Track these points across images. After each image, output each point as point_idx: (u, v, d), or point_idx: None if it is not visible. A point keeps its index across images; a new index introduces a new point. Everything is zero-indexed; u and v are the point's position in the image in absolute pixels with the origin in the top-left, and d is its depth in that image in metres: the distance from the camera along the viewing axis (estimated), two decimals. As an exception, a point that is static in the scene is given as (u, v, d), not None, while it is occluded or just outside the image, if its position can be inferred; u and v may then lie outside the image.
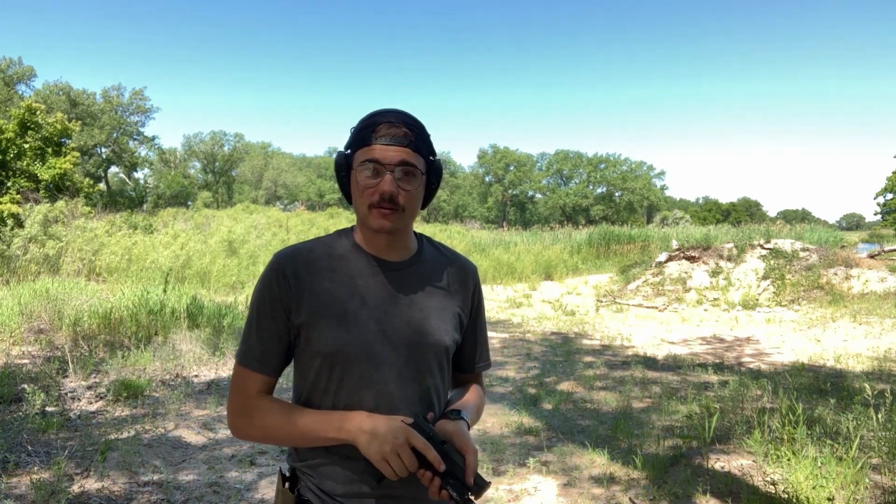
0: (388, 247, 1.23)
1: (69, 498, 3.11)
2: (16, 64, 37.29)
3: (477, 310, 1.36)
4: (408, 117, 1.20)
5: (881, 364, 6.44)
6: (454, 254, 1.36)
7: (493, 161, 66.55)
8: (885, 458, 3.49)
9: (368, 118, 1.19)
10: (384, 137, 1.15)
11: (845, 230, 69.98)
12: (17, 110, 18.30)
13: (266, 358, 1.20)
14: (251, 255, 14.67)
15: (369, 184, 1.15)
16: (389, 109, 1.20)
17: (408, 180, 1.16)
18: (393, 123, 1.16)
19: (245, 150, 60.15)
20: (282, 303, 1.18)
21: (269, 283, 1.19)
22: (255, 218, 22.46)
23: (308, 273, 1.19)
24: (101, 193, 28.63)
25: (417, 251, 1.28)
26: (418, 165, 1.17)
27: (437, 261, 1.30)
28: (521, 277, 15.90)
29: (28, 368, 5.38)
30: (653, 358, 7.08)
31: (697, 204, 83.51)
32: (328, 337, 1.16)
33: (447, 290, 1.28)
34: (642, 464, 3.65)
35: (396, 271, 1.23)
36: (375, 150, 1.15)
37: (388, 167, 1.14)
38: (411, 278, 1.24)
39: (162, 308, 6.93)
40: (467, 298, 1.32)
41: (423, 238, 1.33)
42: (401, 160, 1.15)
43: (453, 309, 1.28)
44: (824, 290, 11.11)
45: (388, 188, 1.14)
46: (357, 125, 1.20)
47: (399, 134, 1.15)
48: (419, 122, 1.21)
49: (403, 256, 1.25)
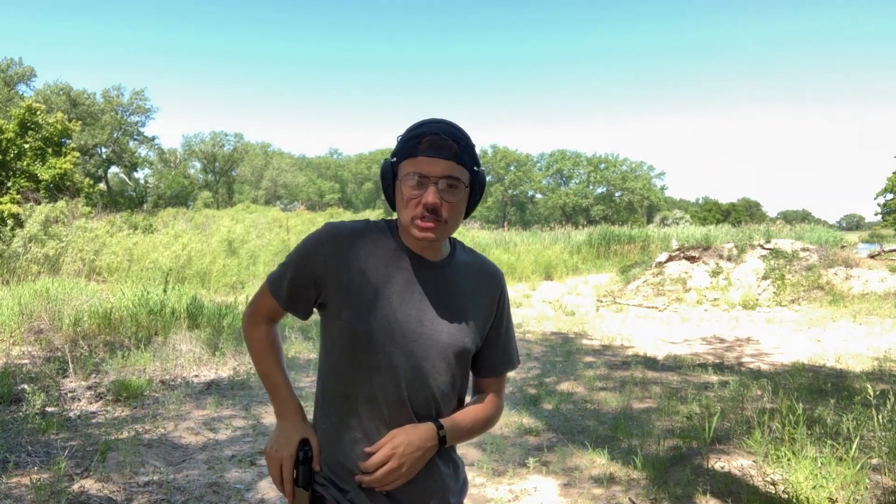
0: (427, 248, 1.28)
1: (69, 498, 3.11)
2: (16, 64, 37.27)
3: (501, 313, 1.39)
4: (454, 129, 1.22)
5: (881, 364, 6.44)
6: (482, 258, 1.41)
7: (494, 161, 66.54)
8: (885, 459, 3.48)
9: (415, 128, 1.22)
10: (430, 150, 1.17)
11: (845, 230, 69.92)
12: (17, 110, 18.30)
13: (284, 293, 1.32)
14: (251, 255, 14.68)
15: (413, 195, 1.18)
16: (436, 120, 1.23)
17: (451, 192, 1.19)
18: (439, 136, 1.18)
19: (245, 150, 60.06)
20: (314, 270, 1.26)
21: (312, 248, 1.27)
22: (255, 218, 22.46)
23: (349, 253, 1.25)
24: (102, 193, 28.64)
25: (451, 253, 1.33)
26: (462, 178, 1.20)
27: (469, 264, 1.35)
28: (521, 277, 15.89)
29: (28, 369, 5.38)
30: (653, 358, 7.08)
31: (697, 204, 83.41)
32: (357, 318, 1.22)
33: (475, 294, 1.33)
34: (642, 464, 3.65)
35: (430, 270, 1.28)
36: (421, 163, 1.18)
37: (433, 179, 1.17)
38: (445, 278, 1.29)
39: (162, 308, 6.93)
40: (493, 303, 1.36)
41: (454, 242, 1.37)
42: (445, 173, 1.17)
43: (480, 312, 1.33)
44: (824, 290, 11.11)
45: (432, 200, 1.17)
46: (404, 134, 1.23)
47: (444, 146, 1.18)
48: (465, 133, 1.23)
49: (439, 257, 1.30)
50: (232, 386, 5.38)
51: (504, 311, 1.40)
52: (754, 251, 13.21)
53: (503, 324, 1.40)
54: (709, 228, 20.88)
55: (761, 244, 13.48)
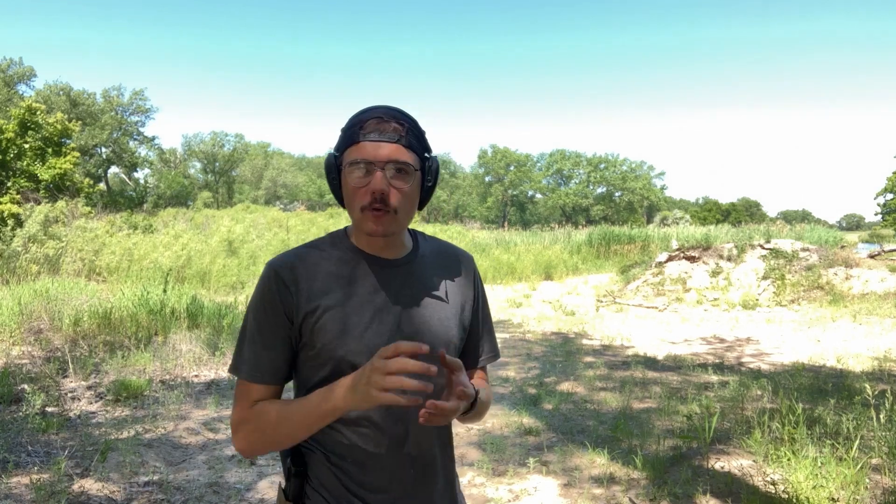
0: (385, 246, 1.18)
1: (69, 498, 3.11)
2: (16, 64, 37.29)
3: (480, 299, 1.31)
4: (398, 112, 1.13)
5: (881, 364, 6.44)
6: (447, 245, 1.32)
7: (493, 161, 66.55)
8: (885, 459, 3.48)
9: (357, 115, 1.13)
10: (373, 134, 1.08)
11: (845, 230, 70.00)
12: (17, 110, 18.31)
13: (273, 367, 1.15)
14: (251, 255, 14.69)
15: (360, 184, 1.09)
16: (379, 105, 1.13)
17: (400, 178, 1.09)
18: (382, 119, 1.09)
19: (245, 150, 60.14)
20: (284, 309, 1.13)
21: (269, 290, 1.14)
22: (255, 218, 22.47)
23: (306, 278, 1.14)
24: (102, 193, 28.63)
25: (414, 247, 1.24)
26: (411, 162, 1.10)
27: (435, 253, 1.26)
28: (521, 277, 15.90)
29: (28, 368, 5.38)
30: (653, 358, 7.08)
31: (697, 204, 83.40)
32: (332, 344, 1.11)
33: (449, 283, 1.24)
34: (642, 464, 3.65)
35: (396, 268, 1.19)
36: (364, 148, 1.08)
37: (379, 165, 1.07)
38: (412, 275, 1.20)
39: (162, 308, 6.93)
40: (469, 289, 1.28)
41: (416, 233, 1.28)
42: (391, 157, 1.08)
43: (458, 302, 1.24)
44: (824, 290, 11.11)
45: (379, 186, 1.07)
46: (346, 124, 1.14)
47: (389, 130, 1.09)
48: (411, 117, 1.15)
49: (401, 253, 1.21)
50: (232, 386, 5.38)
51: (481, 294, 1.32)
52: (754, 251, 13.22)
53: (483, 309, 1.32)
54: (709, 228, 20.90)
55: (761, 244, 13.48)
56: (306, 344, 1.14)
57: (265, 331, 1.15)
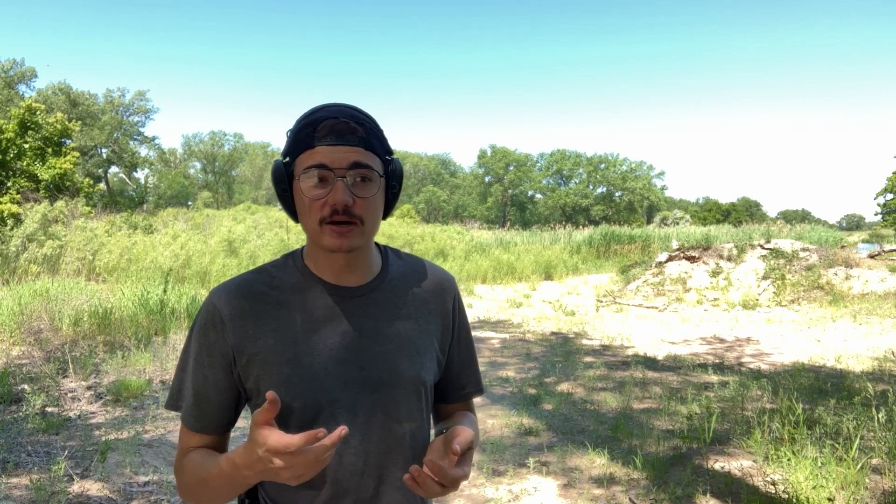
0: (346, 268, 1.01)
1: (69, 498, 3.10)
2: (17, 64, 37.29)
3: (459, 328, 1.15)
4: (355, 111, 0.98)
5: (881, 364, 6.43)
6: (425, 264, 1.13)
7: (493, 161, 66.58)
8: (885, 459, 3.48)
9: (308, 115, 0.97)
10: (329, 136, 0.94)
11: (845, 230, 69.96)
12: (17, 110, 18.33)
13: (206, 414, 1.01)
14: (251, 255, 14.68)
15: (317, 194, 0.94)
16: (331, 103, 0.99)
17: (364, 186, 0.95)
18: (338, 119, 0.94)
19: (245, 150, 60.18)
20: (220, 350, 0.99)
21: (205, 328, 1.00)
22: (255, 218, 22.46)
23: (250, 312, 0.99)
24: (102, 193, 28.66)
25: (382, 269, 1.07)
26: (374, 167, 0.96)
27: (407, 277, 1.09)
28: (521, 277, 15.91)
29: (28, 369, 5.38)
30: (653, 358, 7.08)
31: (697, 204, 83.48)
32: (279, 389, 0.93)
33: (421, 312, 1.07)
34: (642, 464, 3.65)
35: (358, 298, 1.02)
36: (320, 154, 0.93)
37: (339, 172, 0.93)
38: (377, 304, 1.03)
39: (161, 308, 6.93)
40: (447, 317, 1.11)
41: (387, 251, 1.11)
42: (353, 162, 0.93)
43: (431, 334, 1.08)
44: (824, 290, 11.11)
45: (342, 197, 0.92)
46: (294, 126, 0.98)
47: (347, 130, 0.94)
48: (369, 115, 1.00)
49: (366, 278, 1.04)
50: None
51: (462, 323, 1.15)
52: (754, 251, 13.22)
53: (463, 339, 1.16)
54: (709, 228, 20.94)
55: (761, 244, 13.48)
56: (250, 389, 1.00)
57: (198, 371, 1.01)
